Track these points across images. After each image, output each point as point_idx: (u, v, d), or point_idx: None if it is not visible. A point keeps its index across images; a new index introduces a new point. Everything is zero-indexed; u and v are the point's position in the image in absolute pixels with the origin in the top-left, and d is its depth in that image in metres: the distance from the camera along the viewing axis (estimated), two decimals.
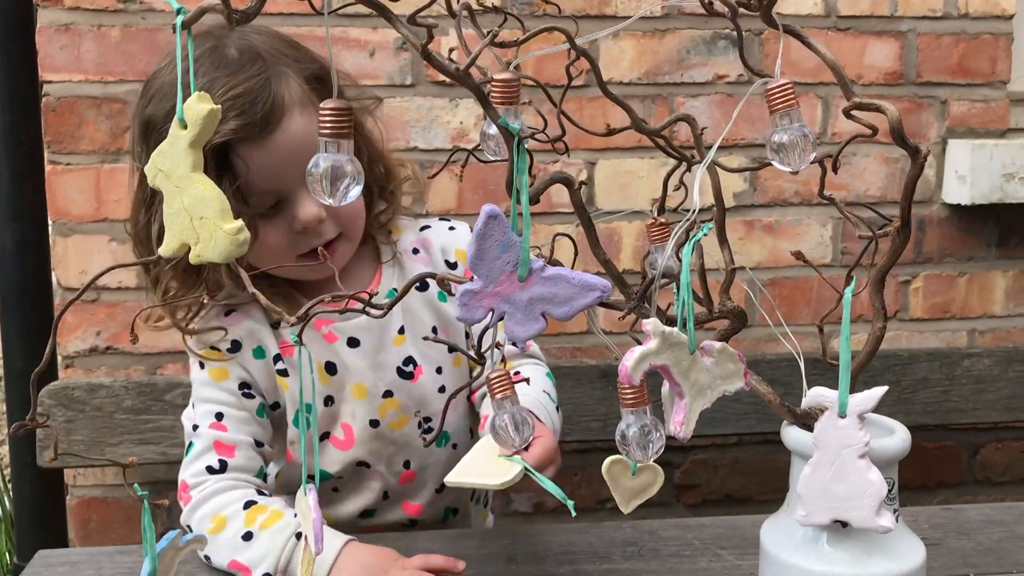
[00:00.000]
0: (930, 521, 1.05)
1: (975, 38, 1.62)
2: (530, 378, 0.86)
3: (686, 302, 0.62)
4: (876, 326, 0.72)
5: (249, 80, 0.94)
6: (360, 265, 1.11)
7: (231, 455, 1.01)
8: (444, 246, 1.15)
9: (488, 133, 0.67)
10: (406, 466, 1.13)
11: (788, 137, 0.65)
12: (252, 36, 0.99)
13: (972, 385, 1.58)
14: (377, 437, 1.10)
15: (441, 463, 1.13)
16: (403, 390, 1.10)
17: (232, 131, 0.92)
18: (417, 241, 1.15)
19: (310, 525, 0.73)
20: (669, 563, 0.97)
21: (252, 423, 1.04)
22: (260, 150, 0.95)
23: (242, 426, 1.03)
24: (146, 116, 0.98)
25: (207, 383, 1.04)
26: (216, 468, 1.00)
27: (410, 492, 1.14)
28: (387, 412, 1.10)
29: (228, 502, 0.97)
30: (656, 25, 1.55)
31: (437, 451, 1.14)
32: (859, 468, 0.67)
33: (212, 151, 0.92)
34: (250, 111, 0.93)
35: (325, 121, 0.59)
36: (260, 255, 0.99)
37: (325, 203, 0.60)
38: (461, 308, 0.64)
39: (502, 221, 0.63)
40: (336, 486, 1.12)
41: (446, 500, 1.17)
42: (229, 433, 1.02)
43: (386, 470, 1.12)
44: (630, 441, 0.65)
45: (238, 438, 1.02)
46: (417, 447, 1.12)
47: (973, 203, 1.60)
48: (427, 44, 0.57)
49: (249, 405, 1.04)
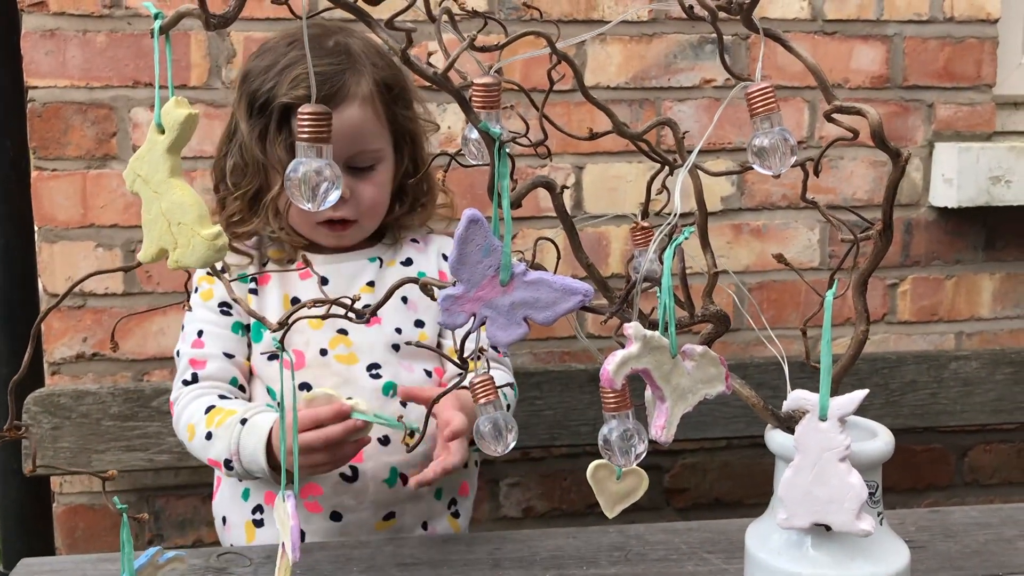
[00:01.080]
0: (916, 524, 1.05)
1: (961, 42, 1.63)
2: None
3: (667, 306, 0.62)
4: (859, 329, 0.72)
5: (330, 66, 1.13)
6: (362, 243, 1.24)
7: (202, 367, 1.16)
8: (442, 243, 1.29)
9: (469, 137, 0.67)
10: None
11: (769, 141, 0.65)
12: (351, 37, 1.18)
13: (960, 388, 1.58)
14: (324, 365, 1.17)
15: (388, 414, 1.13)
16: (358, 331, 1.18)
17: (297, 97, 1.11)
18: (418, 235, 1.29)
19: (287, 532, 0.73)
20: (656, 567, 0.97)
21: (227, 338, 1.18)
22: None
23: (216, 341, 1.17)
24: (247, 68, 1.18)
25: (197, 304, 1.19)
26: (189, 380, 1.16)
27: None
28: (337, 346, 1.18)
29: (195, 410, 1.12)
30: (643, 30, 1.55)
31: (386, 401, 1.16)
32: (840, 471, 0.67)
33: (280, 109, 1.12)
34: (323, 90, 1.10)
35: (304, 125, 0.59)
36: (292, 218, 1.19)
37: (304, 208, 0.59)
38: (443, 313, 0.64)
39: (483, 225, 0.63)
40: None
41: (392, 458, 1.16)
42: (204, 349, 1.17)
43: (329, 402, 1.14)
44: (612, 446, 0.65)
45: (211, 351, 1.17)
46: (363, 387, 1.16)
47: (960, 206, 1.61)
48: (406, 48, 0.57)
49: (225, 322, 1.18)
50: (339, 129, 1.08)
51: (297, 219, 1.19)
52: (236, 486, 1.20)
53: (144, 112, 1.46)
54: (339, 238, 1.21)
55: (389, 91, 1.19)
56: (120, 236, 1.47)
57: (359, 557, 1.00)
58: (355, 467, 1.14)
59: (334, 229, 1.19)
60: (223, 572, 0.97)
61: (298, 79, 1.12)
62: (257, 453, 1.05)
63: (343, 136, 1.11)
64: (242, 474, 1.09)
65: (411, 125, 1.23)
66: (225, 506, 1.22)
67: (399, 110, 1.20)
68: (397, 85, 1.20)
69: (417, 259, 1.26)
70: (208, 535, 1.54)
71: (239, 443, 1.07)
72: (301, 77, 1.11)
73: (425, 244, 1.28)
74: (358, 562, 0.99)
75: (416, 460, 1.14)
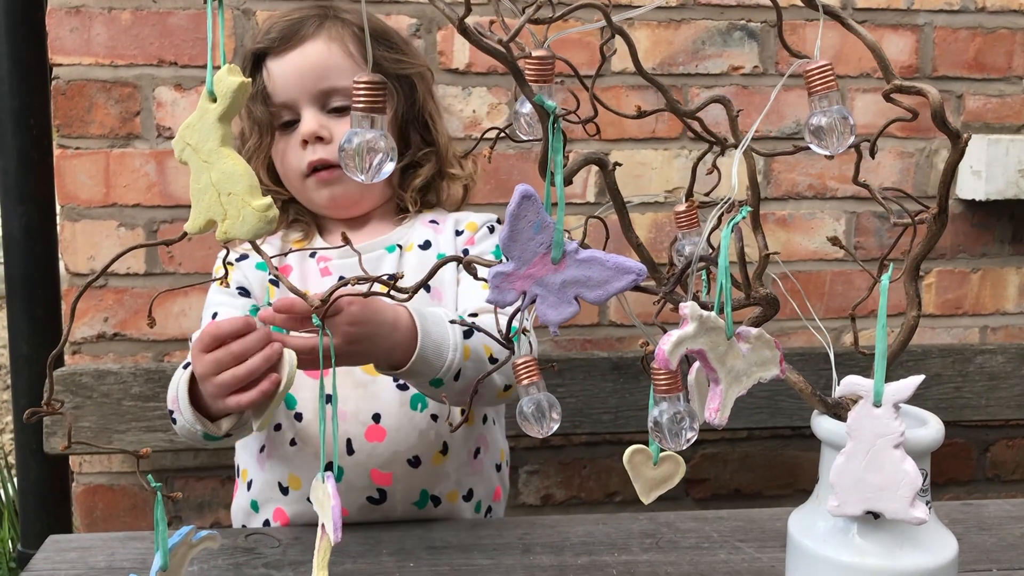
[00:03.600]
0: (949, 516, 1.04)
1: (992, 32, 1.61)
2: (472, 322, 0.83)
3: (724, 286, 0.60)
4: (910, 315, 0.71)
5: (307, 14, 1.13)
6: (379, 222, 1.20)
7: None
8: (459, 218, 1.21)
9: (521, 112, 0.65)
10: (375, 420, 1.08)
11: (827, 120, 0.63)
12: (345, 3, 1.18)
13: (985, 382, 1.57)
14: (347, 372, 1.06)
15: (416, 430, 1.08)
16: None
17: (269, 40, 1.12)
18: (437, 216, 1.20)
19: (328, 513, 0.71)
20: (688, 555, 0.96)
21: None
22: (278, 62, 1.12)
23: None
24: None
25: (215, 291, 1.16)
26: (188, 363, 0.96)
27: (378, 457, 1.08)
28: None
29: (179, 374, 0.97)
30: (671, 15, 1.54)
31: (414, 415, 1.08)
32: (894, 458, 0.66)
33: (251, 55, 1.14)
34: (287, 31, 1.12)
35: (360, 94, 0.57)
36: (286, 175, 1.16)
37: (357, 180, 0.58)
38: (492, 290, 0.63)
39: (536, 201, 0.61)
40: (300, 415, 1.09)
41: (423, 481, 1.10)
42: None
43: (352, 415, 1.07)
44: (663, 428, 0.64)
45: None
46: (387, 401, 1.08)
47: (988, 199, 1.59)
48: (464, 18, 0.56)
49: (242, 303, 1.14)
50: (301, 64, 1.12)
51: (288, 177, 1.16)
52: (246, 495, 1.15)
53: (168, 91, 1.45)
54: (331, 192, 1.13)
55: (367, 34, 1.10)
56: (143, 215, 1.46)
57: (388, 540, 0.99)
58: (383, 490, 1.08)
59: (320, 178, 1.12)
60: (252, 552, 0.96)
61: (271, 27, 1.13)
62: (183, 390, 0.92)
63: (307, 70, 1.11)
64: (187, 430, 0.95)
65: (398, 68, 1.16)
66: (241, 516, 1.18)
67: (381, 52, 1.14)
68: (375, 28, 1.17)
69: (436, 240, 1.17)
70: (225, 517, 1.53)
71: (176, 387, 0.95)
72: (274, 24, 1.13)
73: (442, 224, 1.20)
74: (387, 544, 0.98)
75: (447, 477, 1.11)
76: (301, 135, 1.12)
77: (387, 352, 0.92)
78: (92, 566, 0.93)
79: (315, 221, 1.20)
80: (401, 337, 0.92)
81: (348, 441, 1.08)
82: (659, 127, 1.55)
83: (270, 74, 1.13)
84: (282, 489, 1.11)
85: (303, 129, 1.12)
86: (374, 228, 1.19)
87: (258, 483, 1.13)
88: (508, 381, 1.01)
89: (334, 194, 1.14)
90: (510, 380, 0.97)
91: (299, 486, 1.10)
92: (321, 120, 1.11)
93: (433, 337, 0.94)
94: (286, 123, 1.14)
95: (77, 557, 0.95)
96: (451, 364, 0.95)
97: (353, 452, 1.08)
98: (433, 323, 0.96)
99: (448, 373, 0.95)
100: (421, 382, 0.96)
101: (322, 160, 1.12)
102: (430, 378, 0.95)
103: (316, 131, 1.11)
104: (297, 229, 1.19)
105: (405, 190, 1.18)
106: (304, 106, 1.12)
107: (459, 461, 1.12)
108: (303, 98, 1.12)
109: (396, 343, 0.92)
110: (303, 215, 1.19)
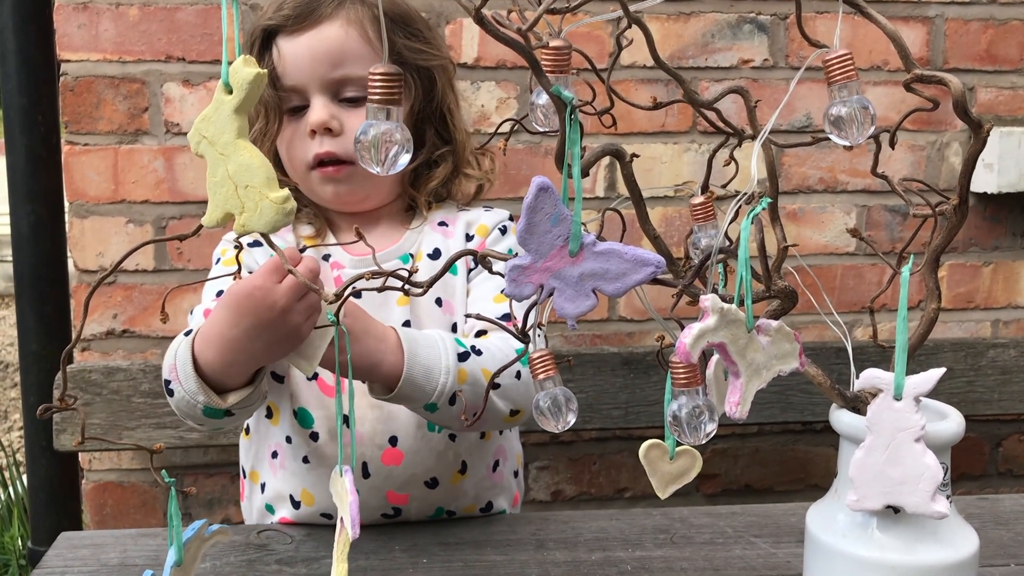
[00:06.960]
0: (965, 511, 1.03)
1: (1004, 24, 1.60)
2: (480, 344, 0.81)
3: (744, 278, 0.60)
4: (930, 307, 0.71)
5: None
6: (389, 224, 1.13)
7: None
8: (470, 220, 1.13)
9: (537, 103, 0.65)
10: (392, 443, 1.04)
11: (847, 110, 0.63)
12: None
13: (997, 376, 1.56)
14: (363, 394, 0.97)
15: (434, 453, 1.05)
16: None
17: (282, 17, 1.03)
18: (448, 217, 1.13)
19: (347, 508, 0.71)
20: (703, 551, 0.95)
21: None
22: (290, 43, 1.04)
23: None
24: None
25: (223, 271, 1.08)
26: (190, 331, 0.92)
27: (395, 480, 1.04)
28: None
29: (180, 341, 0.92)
30: (680, 8, 1.53)
31: (431, 437, 1.04)
32: (915, 452, 0.65)
33: (261, 32, 1.05)
34: (303, 9, 1.03)
35: (375, 85, 0.57)
36: (290, 164, 1.08)
37: (373, 171, 0.58)
38: (509, 283, 0.62)
39: (553, 193, 0.61)
40: (316, 435, 1.05)
41: (439, 498, 1.07)
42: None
43: (368, 438, 1.03)
44: (682, 422, 0.63)
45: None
46: (404, 423, 1.03)
47: (1000, 191, 1.58)
48: (480, 8, 0.55)
49: None
50: (315, 47, 1.03)
51: (292, 166, 1.08)
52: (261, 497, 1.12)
53: (176, 87, 1.44)
54: (336, 187, 1.06)
55: (387, 19, 0.98)
56: (151, 212, 1.46)
57: (401, 536, 0.99)
58: (398, 508, 1.05)
59: (326, 173, 1.05)
60: (264, 548, 0.95)
61: (285, 2, 1.04)
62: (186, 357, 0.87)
63: (321, 55, 1.02)
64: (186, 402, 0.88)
65: (419, 59, 1.08)
66: (256, 517, 1.14)
67: (401, 40, 1.06)
68: (397, 14, 1.07)
69: (446, 247, 1.10)
70: (235, 514, 1.53)
71: (177, 355, 0.88)
72: (286, 1, 1.04)
73: (453, 226, 1.12)
74: (400, 541, 0.98)
75: (466, 494, 1.08)
76: (309, 125, 1.03)
77: (370, 363, 0.89)
78: (104, 563, 0.93)
79: (324, 215, 1.13)
80: (388, 356, 0.89)
81: (364, 465, 1.03)
82: (668, 121, 1.55)
83: (281, 54, 1.04)
84: (294, 503, 1.07)
85: (312, 119, 1.03)
86: (384, 233, 1.12)
87: (271, 489, 1.09)
88: (514, 406, 0.97)
89: (339, 191, 1.07)
90: (516, 405, 0.97)
91: (312, 502, 1.06)
92: (332, 110, 1.03)
93: (422, 360, 0.91)
94: (294, 108, 1.06)
95: (89, 554, 0.95)
96: (443, 388, 0.91)
97: (369, 475, 1.03)
98: (424, 346, 0.92)
99: (442, 398, 0.92)
100: (415, 407, 0.93)
101: (329, 153, 1.04)
102: (423, 403, 0.92)
103: (326, 122, 1.02)
104: (305, 221, 1.12)
105: (418, 191, 1.12)
106: (314, 93, 1.03)
107: (478, 477, 1.09)
108: (314, 84, 1.03)
109: (381, 357, 0.89)
110: (309, 206, 1.12)
